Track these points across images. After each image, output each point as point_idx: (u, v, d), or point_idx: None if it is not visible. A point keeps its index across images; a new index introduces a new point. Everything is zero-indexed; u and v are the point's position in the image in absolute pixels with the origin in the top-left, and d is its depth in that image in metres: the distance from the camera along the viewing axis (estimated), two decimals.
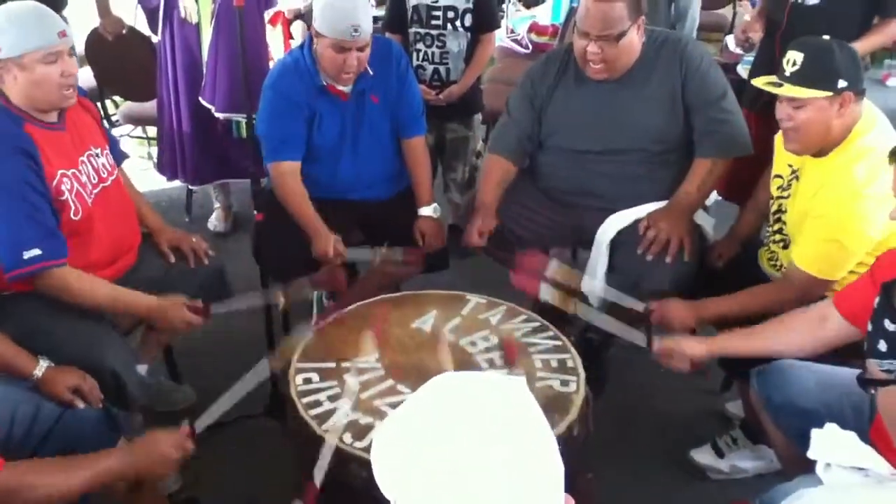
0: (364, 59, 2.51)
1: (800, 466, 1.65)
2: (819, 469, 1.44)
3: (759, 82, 2.11)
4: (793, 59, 2.02)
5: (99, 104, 3.83)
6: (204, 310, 2.21)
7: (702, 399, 2.80)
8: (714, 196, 3.24)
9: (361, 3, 2.44)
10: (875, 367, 1.71)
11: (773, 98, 2.11)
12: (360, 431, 1.79)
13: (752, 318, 2.05)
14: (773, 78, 2.08)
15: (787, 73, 2.03)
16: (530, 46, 4.69)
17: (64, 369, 1.88)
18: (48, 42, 1.99)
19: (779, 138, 2.30)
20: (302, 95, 2.56)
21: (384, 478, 0.92)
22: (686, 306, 2.23)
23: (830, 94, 1.98)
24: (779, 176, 2.29)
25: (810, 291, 2.08)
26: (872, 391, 1.69)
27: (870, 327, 1.73)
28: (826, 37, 2.05)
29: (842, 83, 1.97)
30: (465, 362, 2.03)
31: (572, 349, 2.07)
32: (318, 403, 1.88)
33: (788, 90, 2.02)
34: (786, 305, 2.05)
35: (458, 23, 3.17)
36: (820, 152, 2.10)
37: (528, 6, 5.37)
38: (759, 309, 2.11)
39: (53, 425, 1.75)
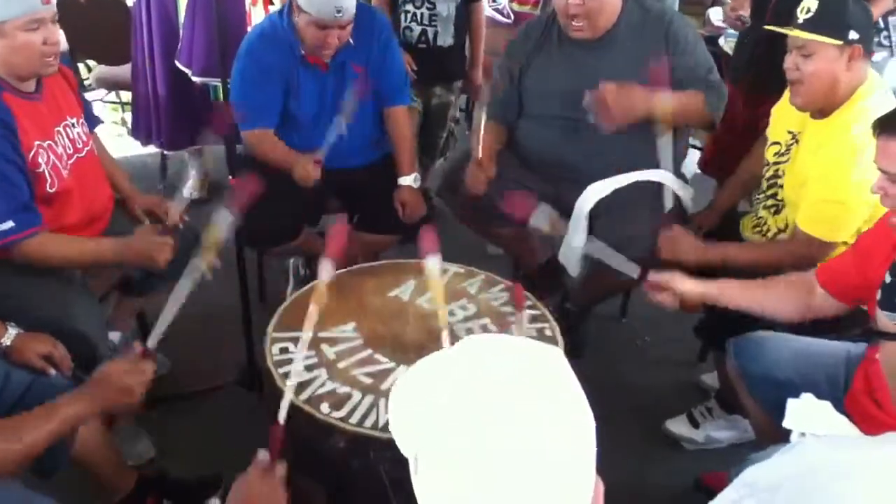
0: (346, 36, 2.47)
1: (774, 436, 1.67)
2: (794, 439, 1.45)
3: (774, 27, 2.10)
4: (807, 6, 2.01)
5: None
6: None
7: (677, 371, 2.82)
8: (693, 169, 3.25)
9: None
10: (886, 319, 1.72)
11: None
12: (339, 401, 1.78)
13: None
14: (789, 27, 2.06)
15: (801, 20, 2.01)
16: (512, 16, 4.61)
17: (34, 336, 1.84)
18: (31, 8, 1.93)
19: (777, 108, 2.30)
20: (279, 64, 2.51)
21: (404, 433, 0.89)
22: (694, 240, 2.21)
23: (840, 42, 1.97)
24: (776, 143, 2.28)
25: (817, 252, 2.08)
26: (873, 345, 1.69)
27: (887, 279, 1.73)
28: None
29: (853, 35, 1.97)
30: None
31: (551, 318, 2.07)
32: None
33: (799, 33, 2.01)
34: (793, 264, 2.05)
35: None
36: (822, 112, 2.09)
37: None
38: (765, 263, 2.11)
39: (23, 392, 1.72)
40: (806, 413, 1.47)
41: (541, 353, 0.90)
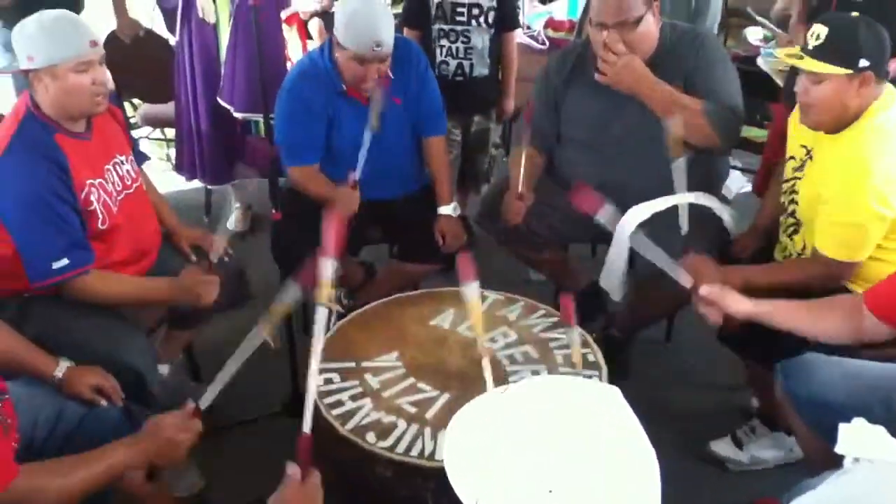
0: (385, 70, 2.51)
1: (826, 462, 1.63)
2: (847, 464, 1.42)
3: (781, 53, 2.08)
4: (817, 32, 1.98)
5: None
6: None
7: (724, 395, 2.78)
8: (737, 188, 3.21)
9: (384, 17, 2.44)
10: None
11: None
12: (384, 431, 1.79)
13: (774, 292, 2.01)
14: (797, 50, 2.04)
15: (810, 47, 1.99)
16: (547, 42, 4.66)
17: (85, 369, 1.88)
18: (79, 52, 2.01)
19: (790, 120, 2.28)
20: (320, 100, 2.56)
21: (463, 480, 0.87)
22: (714, 265, 2.16)
23: (850, 71, 1.94)
24: (792, 157, 2.26)
25: (839, 272, 2.05)
26: None
27: None
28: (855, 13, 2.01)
29: (863, 62, 1.94)
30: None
31: (593, 344, 2.06)
32: (340, 403, 1.88)
33: (808, 63, 1.99)
34: (813, 283, 2.02)
35: (482, 19, 3.16)
36: (835, 129, 2.07)
37: (543, 2, 5.34)
38: (786, 284, 2.08)
39: (77, 425, 1.76)
40: (859, 438, 1.43)
41: (599, 395, 0.89)
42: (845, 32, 1.96)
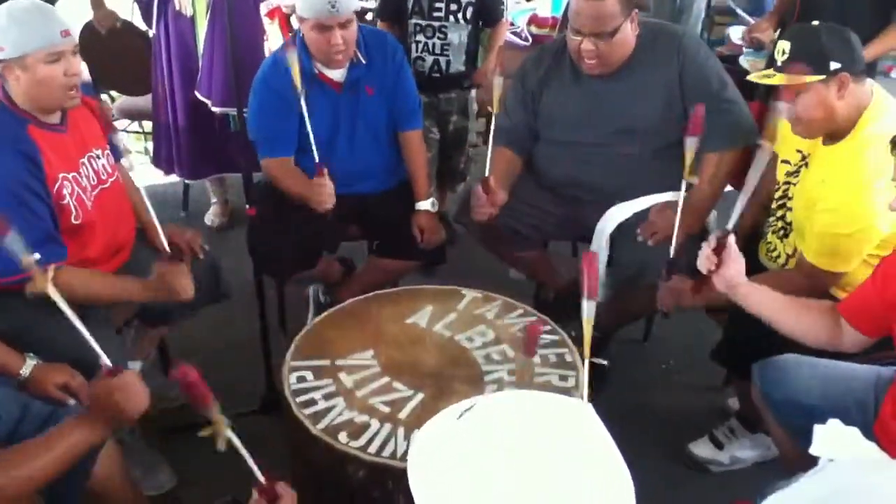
0: (350, 39, 2.48)
1: (801, 463, 1.62)
2: (822, 465, 1.41)
3: (755, 77, 2.09)
4: (782, 48, 2.01)
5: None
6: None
7: (702, 395, 2.78)
8: None
9: None
10: None
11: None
12: (356, 430, 1.76)
13: None
14: (770, 71, 2.06)
15: (779, 63, 2.01)
16: (530, 39, 4.64)
17: (52, 366, 1.85)
18: (50, 41, 1.96)
19: (783, 123, 2.27)
20: (292, 87, 2.53)
21: (427, 495, 0.85)
22: (691, 289, 2.12)
23: (822, 76, 1.95)
24: (786, 161, 2.25)
25: (820, 282, 2.05)
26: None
27: None
28: (815, 22, 2.03)
29: (834, 65, 1.95)
30: (461, 358, 2.01)
31: (571, 344, 2.05)
32: (312, 402, 1.85)
33: (780, 79, 1.99)
34: (797, 293, 2.01)
35: (459, 15, 3.14)
36: (831, 137, 2.06)
37: None
38: None
39: (42, 424, 1.71)
40: (833, 439, 1.42)
41: (569, 411, 0.87)
42: (808, 40, 1.98)
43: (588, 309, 1.67)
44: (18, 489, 1.48)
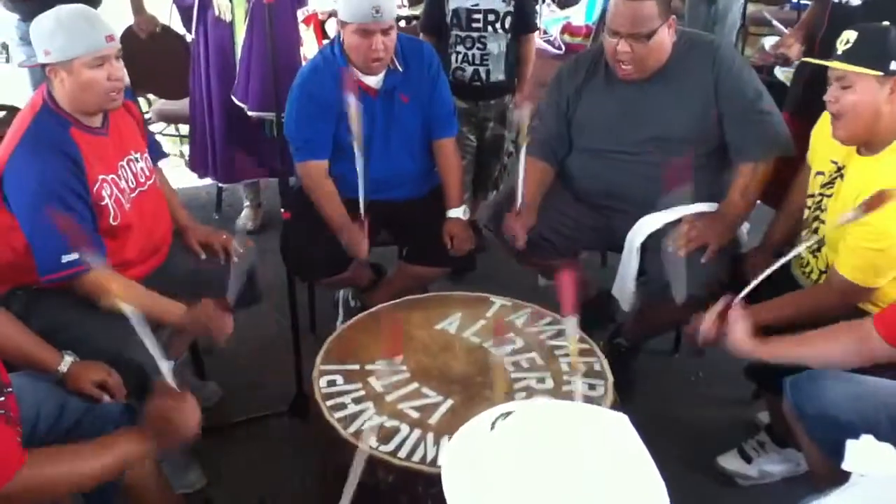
0: (390, 45, 2.50)
1: (833, 479, 1.61)
2: (853, 481, 1.40)
3: (811, 60, 2.07)
4: (847, 37, 1.97)
5: None
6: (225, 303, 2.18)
7: (731, 408, 2.75)
8: None
9: None
10: None
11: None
12: (386, 435, 1.77)
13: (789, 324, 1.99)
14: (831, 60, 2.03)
15: (839, 52, 1.97)
16: (563, 47, 4.66)
17: (89, 364, 1.88)
18: (95, 46, 2.01)
19: (816, 133, 2.25)
20: (330, 93, 2.55)
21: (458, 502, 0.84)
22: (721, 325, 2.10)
23: (880, 73, 1.92)
24: (820, 173, 2.22)
25: (851, 297, 2.02)
26: None
27: None
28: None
29: (894, 65, 1.92)
30: (490, 365, 2.01)
31: (599, 352, 2.05)
32: (342, 406, 1.87)
33: (837, 65, 1.97)
34: (826, 311, 2.00)
35: (497, 25, 3.16)
36: (868, 147, 2.03)
37: (561, 7, 5.33)
38: (797, 316, 2.05)
39: (79, 420, 1.76)
40: (866, 455, 1.41)
41: (607, 422, 0.86)
42: (875, 36, 1.95)
43: (570, 326, 1.66)
44: (70, 486, 1.52)
